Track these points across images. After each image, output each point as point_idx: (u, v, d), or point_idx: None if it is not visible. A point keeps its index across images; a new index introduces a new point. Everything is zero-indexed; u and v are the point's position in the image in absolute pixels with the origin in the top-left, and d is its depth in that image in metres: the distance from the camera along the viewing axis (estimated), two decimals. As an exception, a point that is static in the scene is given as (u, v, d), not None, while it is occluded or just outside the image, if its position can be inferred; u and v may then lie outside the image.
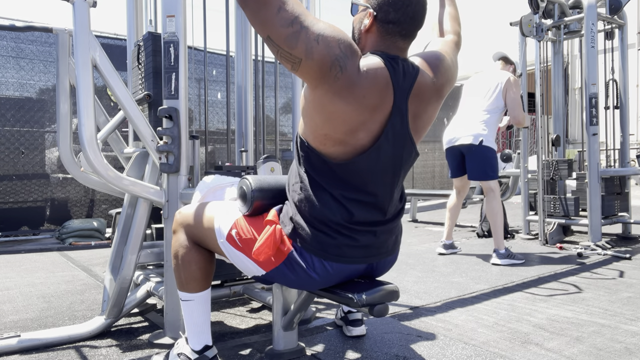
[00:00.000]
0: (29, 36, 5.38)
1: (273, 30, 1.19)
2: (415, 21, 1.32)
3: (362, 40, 1.36)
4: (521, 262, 3.53)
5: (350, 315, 2.08)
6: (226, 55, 2.46)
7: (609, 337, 2.02)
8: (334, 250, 1.33)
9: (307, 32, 1.18)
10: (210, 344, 1.61)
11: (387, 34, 1.32)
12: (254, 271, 1.44)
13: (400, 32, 1.31)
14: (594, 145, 4.17)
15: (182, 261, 1.56)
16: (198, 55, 5.74)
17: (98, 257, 4.08)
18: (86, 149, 1.80)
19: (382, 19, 1.31)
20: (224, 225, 1.49)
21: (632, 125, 7.57)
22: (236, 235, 1.45)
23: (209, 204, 1.60)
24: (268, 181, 1.51)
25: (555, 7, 4.50)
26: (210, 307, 1.63)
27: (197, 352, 1.58)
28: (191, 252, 1.56)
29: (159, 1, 2.32)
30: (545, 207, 4.39)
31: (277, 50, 1.22)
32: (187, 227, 1.57)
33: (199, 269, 1.56)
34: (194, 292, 1.57)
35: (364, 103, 1.24)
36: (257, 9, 1.19)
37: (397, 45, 1.33)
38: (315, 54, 1.18)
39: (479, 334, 2.08)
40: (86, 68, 1.80)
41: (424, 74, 1.34)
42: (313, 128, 1.30)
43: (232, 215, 1.51)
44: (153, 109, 2.25)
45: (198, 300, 1.58)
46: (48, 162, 5.51)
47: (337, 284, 1.42)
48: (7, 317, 2.39)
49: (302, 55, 1.19)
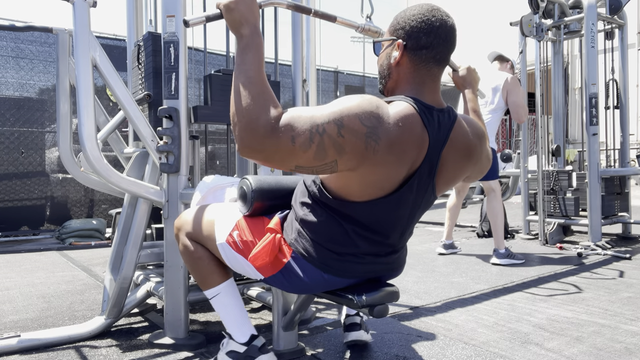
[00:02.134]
0: (28, 36, 5.38)
1: (299, 159, 1.10)
2: (449, 43, 1.25)
3: (394, 76, 1.27)
4: (521, 262, 3.53)
5: (347, 319, 1.96)
6: (226, 56, 2.46)
7: (609, 337, 2.02)
8: (337, 265, 1.31)
9: (328, 134, 1.08)
10: (255, 333, 1.56)
11: (420, 62, 1.23)
12: (252, 275, 1.43)
13: (434, 57, 1.23)
14: (594, 145, 4.17)
15: (193, 260, 1.54)
16: (198, 55, 5.75)
17: (98, 257, 4.08)
18: (86, 148, 1.80)
19: (413, 46, 1.23)
20: (224, 227, 1.47)
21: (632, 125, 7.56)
22: (237, 237, 1.42)
23: (207, 207, 1.58)
24: (268, 182, 1.51)
25: (555, 7, 4.50)
26: (239, 296, 1.59)
27: (244, 344, 1.53)
28: (197, 249, 1.54)
29: (159, 1, 2.32)
30: (545, 207, 4.39)
31: (312, 170, 1.14)
32: (187, 229, 1.56)
33: (211, 261, 1.53)
34: (216, 285, 1.54)
35: (405, 158, 1.17)
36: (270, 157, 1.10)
37: (432, 73, 1.25)
38: (346, 148, 1.09)
39: (479, 334, 2.08)
40: (86, 68, 1.80)
41: (461, 124, 1.28)
42: (345, 184, 1.22)
43: (233, 217, 1.49)
44: (153, 109, 2.25)
45: (224, 292, 1.55)
46: (48, 162, 5.51)
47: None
48: (7, 317, 2.39)
49: (335, 157, 1.11)
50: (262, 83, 1.12)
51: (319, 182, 1.29)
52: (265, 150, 1.08)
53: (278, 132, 1.07)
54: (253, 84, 1.11)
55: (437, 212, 7.41)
